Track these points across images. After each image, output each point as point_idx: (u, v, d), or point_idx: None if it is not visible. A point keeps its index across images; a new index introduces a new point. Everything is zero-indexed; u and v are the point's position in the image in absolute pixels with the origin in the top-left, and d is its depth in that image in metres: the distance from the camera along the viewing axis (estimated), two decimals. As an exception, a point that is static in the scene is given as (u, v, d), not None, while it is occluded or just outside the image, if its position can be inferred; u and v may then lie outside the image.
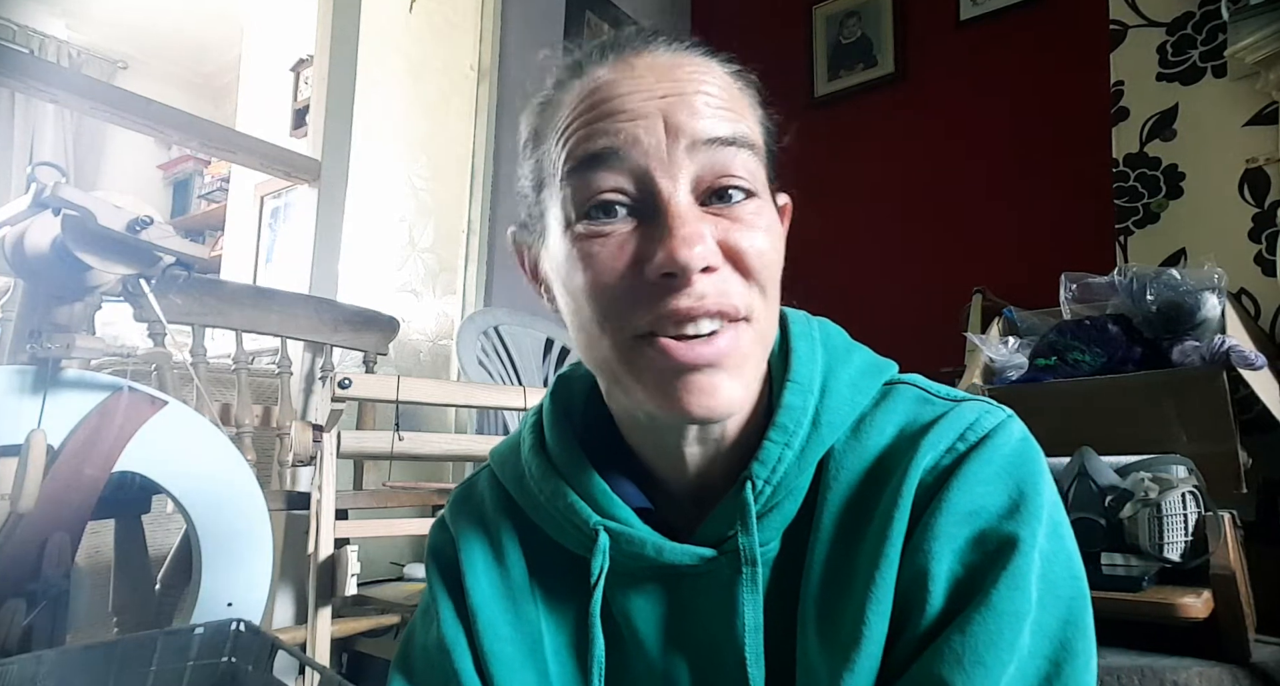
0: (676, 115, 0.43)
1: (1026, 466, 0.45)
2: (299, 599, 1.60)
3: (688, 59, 0.46)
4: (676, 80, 0.44)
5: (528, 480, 0.51)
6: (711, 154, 0.43)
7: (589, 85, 0.45)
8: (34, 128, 3.57)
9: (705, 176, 0.43)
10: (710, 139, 0.43)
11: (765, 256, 0.44)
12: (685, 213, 0.41)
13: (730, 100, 0.45)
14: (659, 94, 0.43)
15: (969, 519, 0.43)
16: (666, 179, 0.42)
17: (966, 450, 0.45)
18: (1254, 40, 1.58)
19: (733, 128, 0.44)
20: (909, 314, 2.35)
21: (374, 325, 1.76)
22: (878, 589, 0.43)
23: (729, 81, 0.47)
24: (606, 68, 0.45)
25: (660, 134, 0.42)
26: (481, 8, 2.35)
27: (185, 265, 1.07)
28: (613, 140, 0.43)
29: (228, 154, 1.83)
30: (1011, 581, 0.41)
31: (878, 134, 2.55)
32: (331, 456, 1.21)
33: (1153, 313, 1.33)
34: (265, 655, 0.81)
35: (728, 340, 0.42)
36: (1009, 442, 0.45)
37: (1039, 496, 0.44)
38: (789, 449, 0.46)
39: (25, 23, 3.50)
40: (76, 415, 1.00)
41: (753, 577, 0.45)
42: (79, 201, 0.94)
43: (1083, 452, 1.12)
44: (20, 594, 0.93)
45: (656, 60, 0.45)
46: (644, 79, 0.44)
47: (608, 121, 0.43)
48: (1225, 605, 0.99)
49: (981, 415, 0.46)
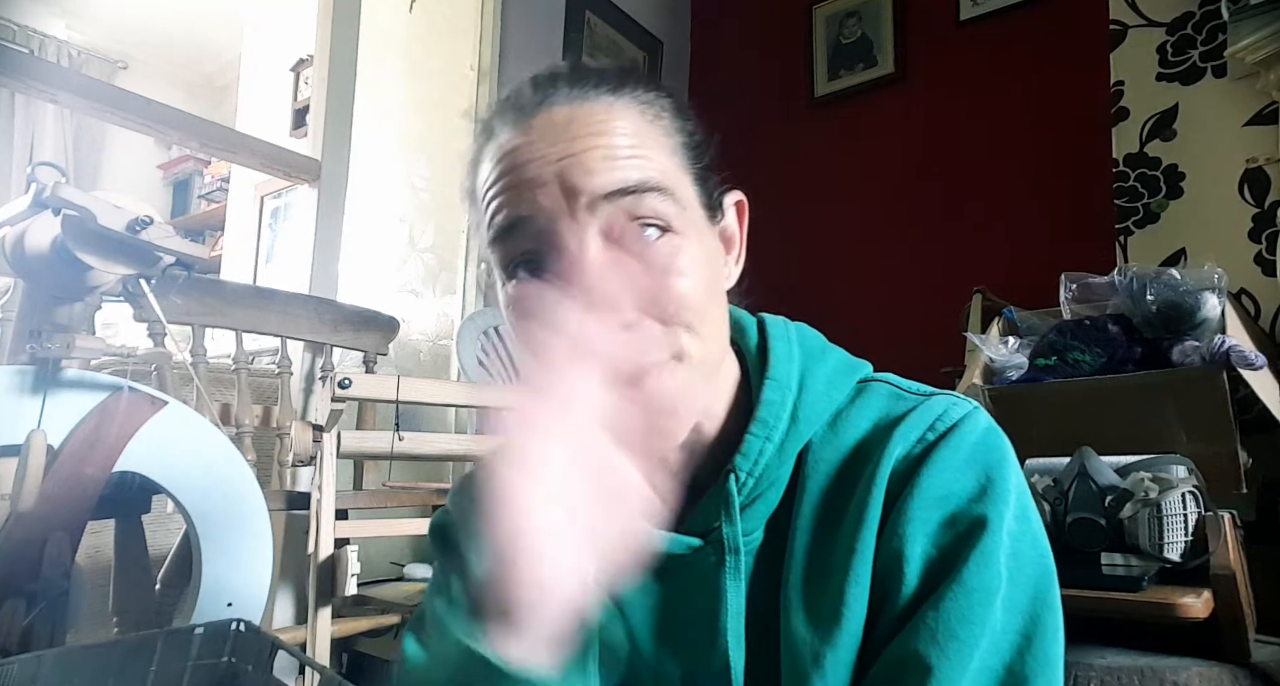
0: (571, 177, 0.44)
1: (993, 453, 0.48)
2: (299, 599, 1.60)
3: (586, 109, 0.46)
4: (572, 138, 0.45)
5: None
6: (615, 204, 0.44)
7: (497, 151, 0.47)
8: (34, 128, 3.57)
9: (615, 224, 0.44)
10: (609, 193, 0.44)
11: (685, 298, 0.45)
12: (587, 261, 0.43)
13: (634, 142, 0.46)
14: (554, 157, 0.44)
15: (940, 503, 0.46)
16: (572, 238, 0.44)
17: (935, 439, 0.48)
18: (1254, 40, 1.58)
19: (635, 175, 0.44)
20: (909, 313, 2.35)
21: (374, 325, 1.76)
22: (856, 570, 0.45)
23: (636, 119, 0.47)
24: (509, 131, 0.47)
25: (559, 199, 0.44)
26: (481, 8, 2.35)
27: (185, 265, 1.07)
28: (518, 209, 0.45)
29: (228, 154, 1.83)
30: (981, 559, 0.43)
31: (878, 134, 2.55)
32: (331, 456, 1.21)
33: (1153, 313, 1.33)
34: (265, 655, 0.81)
35: (654, 381, 0.44)
36: (975, 431, 0.48)
37: (1005, 481, 0.46)
38: (769, 442, 0.49)
39: (25, 23, 3.50)
40: (76, 415, 1.00)
41: (736, 565, 0.48)
42: (79, 201, 0.94)
43: (1083, 452, 1.12)
44: (20, 594, 0.93)
45: (553, 118, 0.46)
46: (539, 143, 0.45)
47: (512, 192, 0.45)
48: (1225, 605, 0.99)
49: (949, 407, 0.49)
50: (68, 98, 1.55)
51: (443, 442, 1.35)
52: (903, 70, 2.53)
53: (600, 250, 0.44)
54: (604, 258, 0.44)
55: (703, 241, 0.48)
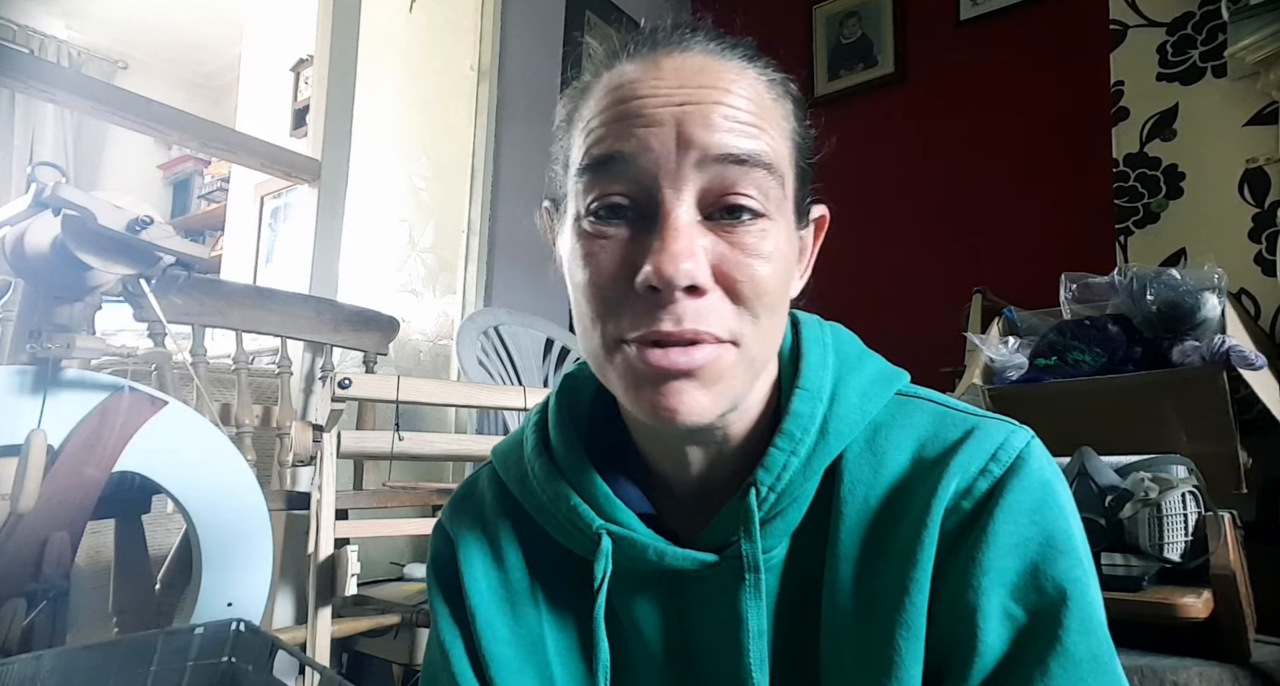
0: (689, 126, 0.41)
1: (1062, 496, 0.44)
2: (299, 599, 1.60)
3: (720, 63, 0.44)
4: (699, 86, 0.42)
5: (530, 480, 0.51)
6: (721, 170, 0.41)
7: (614, 80, 0.44)
8: (34, 128, 3.57)
9: (712, 191, 0.42)
10: (721, 155, 0.41)
11: (762, 284, 0.42)
12: (681, 227, 0.41)
13: (757, 113, 0.43)
14: (677, 100, 0.42)
15: (1016, 551, 0.42)
16: (670, 190, 0.41)
17: (1002, 475, 0.44)
18: (1254, 40, 1.58)
19: (749, 144, 0.42)
20: (909, 313, 2.35)
21: (374, 325, 1.76)
22: (908, 614, 0.42)
23: (762, 91, 0.45)
24: (635, 64, 0.44)
25: (670, 144, 0.41)
26: (481, 8, 2.35)
27: (185, 265, 1.07)
28: (624, 145, 0.42)
29: (228, 154, 1.83)
30: (1081, 627, 0.40)
31: (878, 134, 2.55)
32: (331, 456, 1.21)
33: (1153, 312, 1.33)
34: (265, 655, 0.81)
35: (705, 354, 0.41)
36: (1041, 468, 0.44)
37: (1076, 528, 0.44)
38: (795, 457, 0.45)
39: (25, 23, 3.50)
40: (76, 415, 1.00)
41: (756, 584, 0.45)
42: (79, 201, 0.94)
43: (1083, 452, 1.12)
44: (20, 594, 0.93)
45: (685, 62, 0.43)
46: (665, 82, 0.42)
47: (623, 124, 0.42)
48: (1225, 605, 0.99)
49: (1009, 436, 0.45)
50: (68, 98, 1.55)
51: (443, 442, 1.35)
52: (903, 70, 2.53)
53: (693, 212, 0.42)
54: (694, 221, 0.42)
55: (790, 237, 0.46)
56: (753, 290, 0.42)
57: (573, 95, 0.48)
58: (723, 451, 0.48)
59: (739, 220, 0.42)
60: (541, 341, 1.97)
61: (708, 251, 0.41)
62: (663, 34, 0.45)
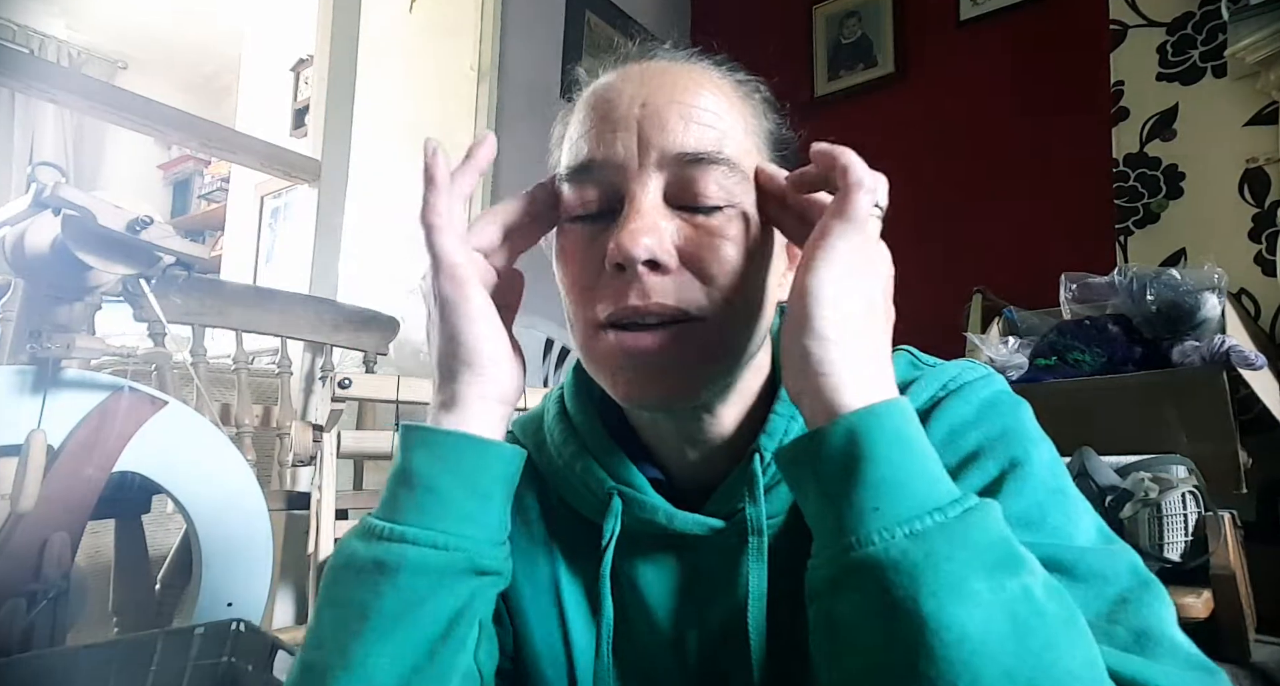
0: (647, 128, 0.44)
1: (1007, 406, 0.47)
2: (299, 599, 1.60)
3: (681, 66, 0.47)
4: (659, 88, 0.45)
5: (549, 445, 0.54)
6: (680, 169, 0.44)
7: (594, 91, 0.48)
8: (34, 128, 3.57)
9: (675, 185, 0.44)
10: (678, 154, 0.44)
11: (729, 263, 0.44)
12: (644, 209, 0.43)
13: (716, 110, 0.45)
14: (640, 102, 0.45)
15: (950, 438, 0.46)
16: (637, 185, 0.44)
17: (945, 395, 0.48)
18: (1254, 40, 1.58)
19: (709, 143, 0.44)
20: (908, 313, 2.33)
21: (374, 325, 1.76)
22: None
23: (727, 90, 0.47)
24: (613, 74, 0.48)
25: (632, 146, 0.44)
26: (481, 8, 2.35)
27: (185, 265, 1.07)
28: (594, 152, 0.45)
29: (228, 154, 1.83)
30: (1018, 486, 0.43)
31: (878, 134, 2.55)
32: (331, 456, 1.21)
33: (1153, 312, 1.33)
34: (265, 655, 0.81)
35: (669, 335, 0.43)
36: (989, 388, 0.48)
37: (1028, 424, 0.47)
38: (794, 421, 0.48)
39: (25, 23, 3.50)
40: (76, 415, 0.99)
41: (759, 547, 0.47)
42: (79, 201, 0.94)
43: (1083, 452, 1.13)
44: (20, 594, 0.93)
45: (650, 67, 0.47)
46: (630, 85, 0.46)
47: (595, 130, 0.46)
48: (1225, 605, 0.99)
49: (963, 370, 0.49)
50: (68, 98, 1.55)
51: (443, 442, 1.34)
52: (903, 70, 2.53)
53: (657, 199, 0.44)
54: (658, 205, 0.44)
55: (763, 229, 0.47)
56: (719, 268, 0.44)
57: (562, 117, 0.51)
58: (717, 440, 0.49)
59: (701, 210, 0.44)
60: (541, 341, 1.96)
61: (675, 234, 0.44)
62: (633, 49, 0.49)
